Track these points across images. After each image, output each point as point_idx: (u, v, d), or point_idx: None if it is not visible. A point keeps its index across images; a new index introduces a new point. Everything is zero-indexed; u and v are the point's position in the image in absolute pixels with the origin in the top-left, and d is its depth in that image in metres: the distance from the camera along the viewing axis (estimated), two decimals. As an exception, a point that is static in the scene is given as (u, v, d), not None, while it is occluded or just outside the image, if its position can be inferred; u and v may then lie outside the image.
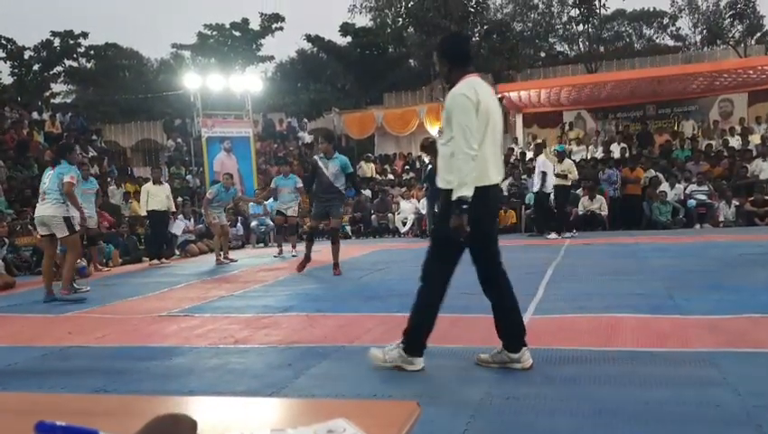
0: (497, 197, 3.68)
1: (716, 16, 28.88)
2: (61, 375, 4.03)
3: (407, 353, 3.53)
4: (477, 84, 3.47)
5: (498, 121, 3.54)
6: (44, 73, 30.50)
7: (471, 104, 3.35)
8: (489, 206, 3.55)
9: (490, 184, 3.47)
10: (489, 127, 3.44)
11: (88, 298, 7.24)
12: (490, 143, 3.46)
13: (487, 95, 3.49)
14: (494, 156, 3.51)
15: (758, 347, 3.82)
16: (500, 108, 3.62)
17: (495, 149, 3.52)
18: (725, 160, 14.69)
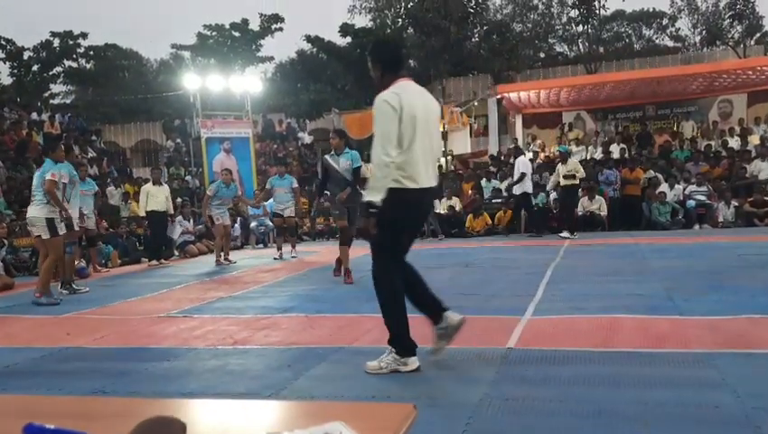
0: (423, 201, 3.62)
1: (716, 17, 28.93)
2: (60, 376, 4.03)
3: (400, 356, 3.57)
4: (404, 89, 3.48)
5: (431, 126, 3.56)
6: (44, 74, 30.51)
7: (391, 110, 3.37)
8: (410, 209, 3.55)
9: (415, 188, 3.46)
10: (417, 132, 3.43)
11: (87, 299, 7.23)
12: (419, 148, 3.45)
13: (414, 100, 3.47)
14: (425, 160, 3.50)
15: (757, 348, 3.82)
16: (434, 112, 3.65)
17: (426, 153, 3.51)
18: (724, 161, 14.69)
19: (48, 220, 6.98)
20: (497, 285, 6.72)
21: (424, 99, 3.58)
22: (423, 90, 3.67)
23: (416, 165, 3.44)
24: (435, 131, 3.62)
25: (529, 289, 6.14)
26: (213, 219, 10.48)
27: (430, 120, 3.56)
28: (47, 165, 7.11)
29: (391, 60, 3.67)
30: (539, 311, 5.17)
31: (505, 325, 4.64)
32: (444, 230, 13.69)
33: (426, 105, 3.57)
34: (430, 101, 3.67)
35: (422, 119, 3.46)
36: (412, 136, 3.41)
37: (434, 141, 3.61)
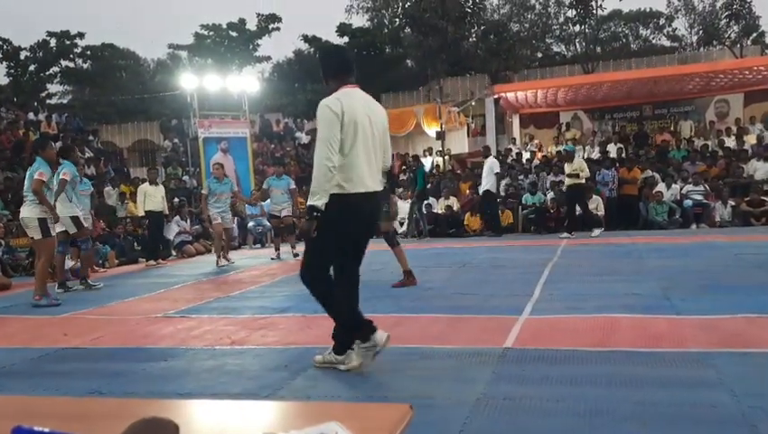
0: (364, 206, 3.60)
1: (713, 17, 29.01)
2: (57, 377, 4.02)
3: (337, 354, 3.69)
4: (346, 95, 3.55)
5: (375, 132, 3.62)
6: (40, 74, 30.48)
7: (332, 115, 3.44)
8: (351, 213, 3.56)
9: (357, 192, 3.52)
10: (358, 137, 3.50)
11: (84, 299, 7.22)
12: (361, 152, 3.52)
13: (356, 106, 3.53)
14: (368, 165, 3.57)
15: (753, 347, 3.83)
16: (381, 119, 3.70)
17: (369, 158, 3.57)
18: (721, 160, 14.73)
19: (40, 220, 6.93)
20: (494, 284, 6.73)
21: (368, 106, 3.65)
22: (369, 98, 3.73)
23: (358, 169, 3.51)
24: (380, 137, 3.69)
25: (526, 289, 6.15)
26: (212, 218, 10.31)
27: (375, 127, 3.62)
28: (36, 164, 7.05)
29: (337, 67, 3.73)
30: (537, 311, 5.17)
31: (502, 325, 4.64)
32: (442, 229, 13.71)
33: (372, 112, 3.64)
34: (376, 108, 3.74)
35: (364, 125, 3.53)
36: (353, 141, 3.48)
37: (378, 147, 3.67)
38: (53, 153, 7.49)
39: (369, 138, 3.58)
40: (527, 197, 14.19)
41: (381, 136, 3.72)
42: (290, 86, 32.25)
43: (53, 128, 18.18)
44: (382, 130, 3.74)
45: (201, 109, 16.44)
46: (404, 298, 6.11)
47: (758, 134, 15.92)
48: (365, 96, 3.71)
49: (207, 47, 29.52)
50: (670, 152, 16.09)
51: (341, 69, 3.73)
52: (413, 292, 6.45)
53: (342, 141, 3.48)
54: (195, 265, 10.74)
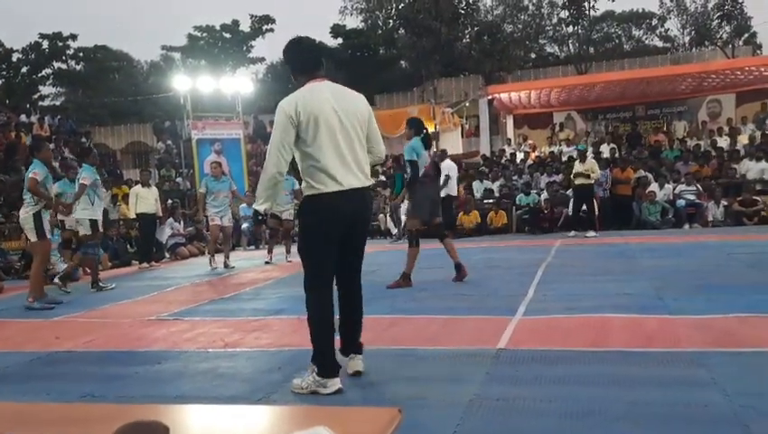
0: (342, 204, 3.35)
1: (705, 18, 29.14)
2: (49, 381, 4.00)
3: (321, 376, 3.37)
4: (308, 92, 3.37)
5: (347, 123, 3.37)
6: (33, 76, 30.35)
7: (285, 117, 3.29)
8: (328, 214, 3.36)
9: (330, 191, 3.32)
10: (321, 134, 3.30)
11: (77, 302, 7.19)
12: (328, 149, 3.31)
13: (320, 101, 3.33)
14: (340, 161, 3.34)
15: (745, 347, 3.84)
16: (356, 111, 3.45)
17: (340, 153, 3.34)
18: (713, 160, 14.80)
19: (35, 218, 6.89)
20: (489, 285, 6.73)
21: (338, 99, 3.40)
22: (340, 90, 3.49)
23: (327, 167, 3.31)
24: (357, 129, 3.43)
25: (520, 289, 6.16)
26: (209, 219, 10.06)
27: (347, 119, 3.38)
28: (32, 165, 7.07)
29: (301, 61, 3.53)
30: (531, 311, 5.18)
31: (496, 326, 4.64)
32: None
33: (342, 104, 3.39)
34: (349, 100, 3.47)
35: (329, 121, 3.31)
36: (315, 138, 3.30)
37: (354, 140, 3.40)
38: (49, 154, 7.52)
39: (338, 133, 3.34)
40: (521, 197, 14.22)
41: (360, 127, 3.46)
42: (284, 87, 32.14)
43: (46, 130, 18.10)
44: (359, 121, 3.47)
45: (195, 111, 16.42)
46: (398, 299, 6.10)
47: (750, 134, 16.00)
48: (336, 88, 3.48)
49: (200, 48, 29.47)
50: (663, 152, 16.16)
51: (306, 63, 3.52)
52: (407, 293, 6.45)
53: (304, 141, 3.32)
54: (189, 267, 10.71)
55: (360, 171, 3.44)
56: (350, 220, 3.43)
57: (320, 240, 3.42)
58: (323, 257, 3.45)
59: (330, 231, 3.40)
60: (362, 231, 3.62)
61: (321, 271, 3.47)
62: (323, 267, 3.47)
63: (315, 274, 3.47)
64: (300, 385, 3.42)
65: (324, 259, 3.45)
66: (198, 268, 10.14)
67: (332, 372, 3.38)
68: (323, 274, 3.47)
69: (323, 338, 3.43)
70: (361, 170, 3.46)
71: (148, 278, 9.43)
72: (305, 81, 3.45)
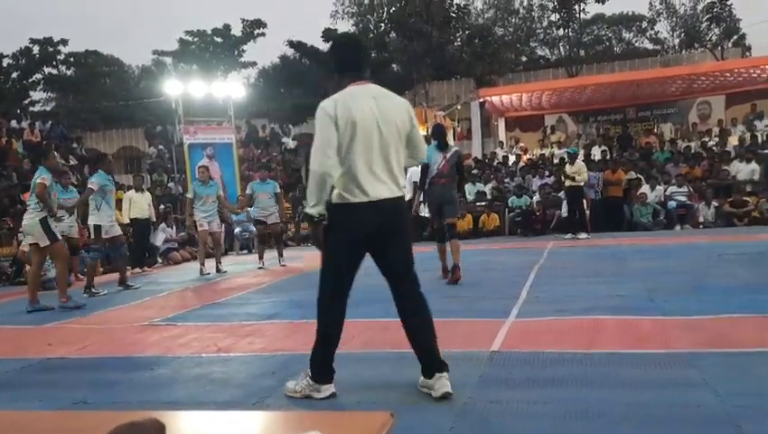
0: (370, 216, 3.21)
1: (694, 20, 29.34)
2: (41, 388, 3.98)
3: (314, 381, 3.35)
4: (348, 95, 3.24)
5: (385, 130, 3.22)
6: (23, 81, 30.17)
7: (326, 117, 3.17)
8: (355, 226, 3.24)
9: (358, 202, 3.19)
10: (357, 140, 3.17)
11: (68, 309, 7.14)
12: (361, 157, 3.18)
13: (359, 105, 3.19)
14: (370, 171, 3.19)
15: (737, 347, 3.87)
16: (395, 117, 3.28)
17: (373, 162, 3.20)
18: (704, 162, 14.90)
19: (44, 226, 6.95)
20: (482, 287, 6.75)
21: (378, 104, 3.24)
22: (382, 93, 3.32)
23: (358, 176, 3.17)
24: (395, 136, 3.27)
25: (513, 291, 6.17)
26: (197, 224, 9.96)
27: (386, 126, 3.22)
28: (38, 172, 7.16)
29: (343, 61, 3.40)
30: (523, 313, 5.20)
31: (489, 328, 4.66)
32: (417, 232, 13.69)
33: (382, 110, 3.24)
34: (389, 105, 3.30)
35: (366, 127, 3.17)
36: (350, 144, 3.16)
37: (391, 148, 3.25)
38: (56, 161, 7.67)
39: (375, 140, 3.19)
40: (513, 200, 14.26)
41: (398, 135, 3.29)
42: (276, 91, 32.19)
43: (37, 136, 18.00)
44: (399, 129, 3.29)
45: (187, 115, 16.38)
46: (392, 303, 6.09)
47: (740, 135, 16.12)
48: (379, 92, 3.31)
49: (192, 53, 29.38)
50: (654, 154, 16.25)
51: (348, 64, 3.38)
52: (400, 297, 6.45)
53: (339, 146, 3.16)
54: (181, 272, 10.67)
55: (392, 181, 3.28)
56: (379, 232, 3.27)
57: (341, 252, 3.30)
58: (341, 269, 3.33)
59: (352, 243, 3.27)
60: (399, 241, 3.38)
61: (336, 283, 3.35)
62: (339, 279, 3.34)
63: (330, 285, 3.36)
64: (294, 389, 3.39)
65: (341, 272, 3.33)
66: (191, 274, 10.11)
67: (326, 379, 3.35)
68: (338, 286, 3.35)
69: (324, 347, 3.36)
70: (394, 180, 3.29)
71: (141, 283, 9.39)
72: (347, 84, 3.31)
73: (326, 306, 3.37)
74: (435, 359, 3.31)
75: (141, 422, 1.05)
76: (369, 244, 3.31)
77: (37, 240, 7.05)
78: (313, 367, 3.37)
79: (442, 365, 3.31)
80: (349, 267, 3.33)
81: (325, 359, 3.36)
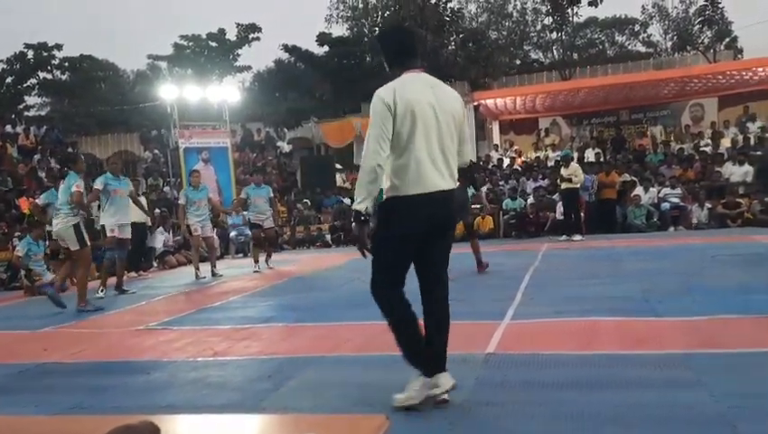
0: (428, 208, 3.11)
1: (686, 23, 29.43)
2: (37, 393, 3.97)
3: (428, 376, 3.14)
4: (404, 83, 3.13)
5: (442, 120, 3.14)
6: (18, 86, 30.06)
7: (383, 106, 3.06)
8: (411, 218, 3.10)
9: (418, 193, 3.08)
10: (417, 130, 3.07)
11: (65, 313, 7.13)
12: (422, 147, 3.08)
13: (415, 94, 3.10)
14: (431, 161, 3.11)
15: (732, 348, 3.89)
16: (450, 108, 3.20)
17: (433, 153, 3.11)
18: (697, 163, 14.97)
19: (75, 227, 7.21)
20: (477, 290, 6.76)
21: (434, 93, 3.16)
22: (436, 83, 3.23)
23: (419, 166, 3.07)
24: (451, 128, 3.19)
25: (508, 294, 6.19)
26: (191, 229, 9.96)
27: (442, 116, 3.14)
28: (71, 177, 7.34)
29: (395, 49, 3.29)
30: (519, 315, 5.21)
31: (485, 330, 4.67)
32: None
33: (438, 99, 3.15)
34: (444, 95, 3.21)
35: (425, 116, 3.08)
36: (411, 134, 3.06)
37: (447, 139, 3.17)
38: (83, 165, 8.01)
39: (434, 130, 3.10)
40: (507, 202, 14.30)
41: (453, 126, 3.20)
42: (271, 95, 32.16)
43: (31, 141, 17.97)
44: (454, 120, 3.21)
45: (182, 120, 16.37)
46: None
47: (732, 137, 16.20)
48: (433, 81, 3.24)
49: (187, 57, 29.32)
50: (647, 156, 16.31)
51: (400, 52, 3.26)
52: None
53: (398, 135, 3.07)
54: (177, 276, 10.65)
55: (449, 172, 3.19)
56: (432, 224, 3.15)
57: (394, 244, 3.15)
58: (395, 261, 3.17)
59: (407, 235, 3.13)
60: (446, 240, 3.30)
61: (389, 274, 3.19)
62: (392, 270, 3.18)
63: (382, 276, 3.20)
64: (408, 396, 3.14)
65: (395, 264, 3.17)
66: (186, 278, 10.09)
67: (437, 367, 3.14)
68: (392, 277, 3.18)
69: (409, 338, 3.17)
70: (450, 171, 3.20)
71: (136, 287, 9.36)
72: (400, 72, 3.21)
73: (383, 297, 3.20)
74: (442, 360, 3.23)
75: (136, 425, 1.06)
76: (421, 236, 3.16)
77: (69, 244, 7.31)
78: (415, 364, 3.16)
79: (444, 365, 3.24)
80: (402, 260, 3.18)
81: (420, 350, 3.16)
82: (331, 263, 10.80)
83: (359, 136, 20.78)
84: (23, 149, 17.15)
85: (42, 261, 9.58)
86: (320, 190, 17.92)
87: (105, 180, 8.30)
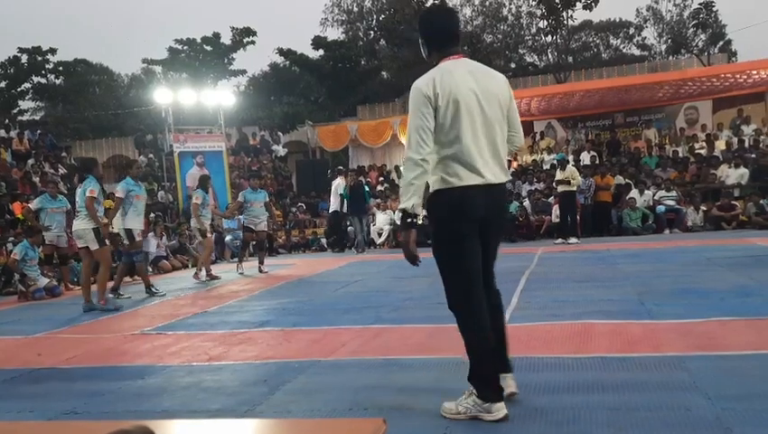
0: (479, 200, 2.95)
1: (680, 26, 29.58)
2: (31, 398, 3.94)
3: (482, 400, 2.96)
4: (444, 71, 2.97)
5: (488, 107, 2.98)
6: (11, 90, 29.97)
7: (423, 98, 2.91)
8: (462, 212, 2.94)
9: (467, 185, 2.93)
10: (462, 119, 2.92)
11: (59, 318, 7.10)
12: (468, 136, 2.92)
13: (458, 82, 2.94)
14: (478, 151, 2.95)
15: (726, 350, 3.90)
16: (497, 93, 3.04)
17: (479, 141, 2.95)
18: (692, 166, 15.02)
19: (95, 230, 7.41)
20: (473, 294, 6.75)
21: (477, 79, 2.99)
22: (480, 69, 3.07)
23: (466, 157, 2.92)
24: (497, 115, 3.02)
25: (504, 297, 6.15)
26: (204, 233, 10.12)
27: (487, 103, 2.98)
28: (88, 182, 7.52)
29: (433, 37, 3.12)
30: (514, 319, 5.21)
31: (481, 334, 4.65)
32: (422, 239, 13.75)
33: (482, 86, 2.99)
34: (489, 81, 3.04)
35: (469, 103, 2.93)
36: (455, 123, 2.91)
37: (494, 127, 3.00)
38: (101, 171, 8.23)
39: (478, 118, 2.95)
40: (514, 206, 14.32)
41: (500, 112, 3.04)
42: (266, 99, 32.15)
43: (25, 145, 17.90)
44: (501, 104, 3.05)
45: (177, 124, 16.37)
46: (383, 309, 6.11)
47: (726, 140, 16.27)
48: (475, 66, 3.07)
49: (181, 61, 29.29)
50: (643, 159, 16.37)
51: (439, 38, 3.10)
52: (392, 303, 6.46)
53: (441, 127, 2.92)
54: (172, 280, 10.62)
55: (498, 163, 3.03)
56: (483, 218, 2.99)
57: (460, 242, 2.96)
58: (467, 261, 2.98)
59: (463, 231, 2.95)
60: (498, 237, 3.20)
61: (468, 281, 2.99)
62: (469, 274, 2.98)
63: (461, 286, 3.00)
64: (456, 409, 3.02)
65: (469, 264, 2.98)
66: (181, 282, 10.07)
67: (495, 396, 2.95)
68: (471, 284, 2.99)
69: (483, 357, 2.97)
70: (500, 162, 3.04)
71: (131, 291, 9.33)
72: (440, 59, 3.05)
73: (464, 312, 3.02)
74: (505, 359, 3.15)
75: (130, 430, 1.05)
76: (471, 230, 2.98)
77: (88, 243, 7.49)
78: (476, 383, 2.99)
79: (507, 365, 3.15)
80: (473, 256, 2.99)
81: (487, 371, 2.97)
82: (326, 267, 10.79)
83: (354, 140, 20.81)
84: (17, 154, 17.08)
85: (36, 266, 9.54)
86: (315, 194, 17.91)
87: (127, 186, 8.46)
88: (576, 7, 25.20)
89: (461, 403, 3.02)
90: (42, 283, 9.41)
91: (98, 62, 35.38)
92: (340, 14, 30.52)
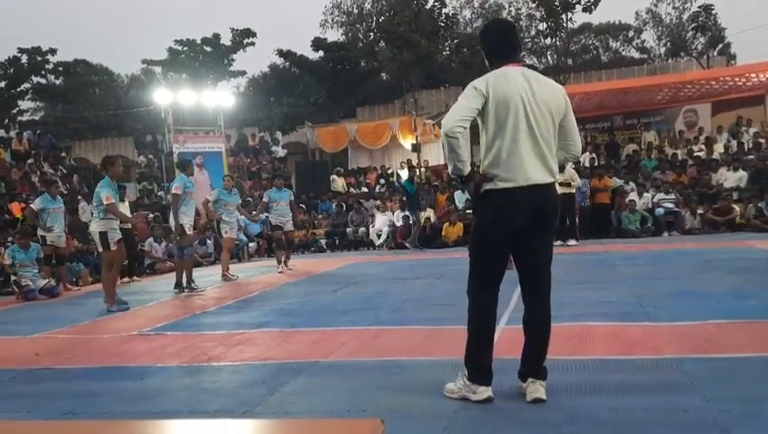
0: (525, 201, 3.11)
1: (680, 29, 29.60)
2: (29, 399, 3.95)
3: (470, 381, 3.23)
4: (499, 75, 3.15)
5: (538, 112, 3.12)
6: (11, 90, 29.96)
7: (475, 92, 3.10)
8: (507, 212, 3.13)
9: (514, 186, 3.09)
10: (509, 121, 3.08)
11: (57, 318, 7.10)
12: (518, 138, 3.09)
13: (510, 86, 3.11)
14: (526, 154, 3.10)
15: (723, 352, 3.91)
16: (548, 100, 3.18)
17: (527, 145, 3.11)
18: (690, 169, 15.03)
19: (100, 234, 7.39)
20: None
21: (530, 86, 3.13)
22: (534, 76, 3.21)
23: (514, 158, 3.08)
24: (549, 120, 3.17)
25: (502, 298, 6.13)
26: (222, 231, 10.21)
27: (538, 108, 3.11)
28: (102, 185, 7.45)
29: (492, 45, 3.33)
30: (513, 320, 5.18)
31: (479, 336, 4.66)
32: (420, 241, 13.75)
33: (535, 92, 3.13)
34: (542, 88, 3.18)
35: (518, 107, 3.08)
36: (504, 124, 3.08)
37: (545, 131, 3.14)
38: (119, 170, 8.14)
39: (526, 123, 3.09)
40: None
41: (552, 120, 3.18)
42: (266, 100, 32.14)
43: (25, 146, 17.92)
44: (554, 113, 3.19)
45: (176, 125, 16.37)
46: (382, 310, 6.11)
47: (725, 143, 16.28)
48: (532, 75, 3.22)
49: (181, 62, 29.28)
50: (641, 161, 16.37)
51: (497, 46, 3.30)
52: (391, 304, 6.46)
53: (487, 127, 3.13)
54: (170, 281, 10.58)
55: (544, 165, 3.16)
56: (529, 219, 3.14)
57: (489, 242, 3.20)
58: (491, 260, 3.24)
59: (503, 232, 3.16)
60: (547, 237, 3.33)
61: (485, 276, 3.27)
62: (488, 271, 3.26)
63: (478, 278, 3.29)
64: (452, 389, 3.31)
65: (492, 264, 3.25)
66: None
67: (482, 380, 3.20)
68: (487, 279, 3.27)
69: (476, 344, 3.24)
70: (546, 164, 3.17)
71: (129, 292, 9.32)
72: (499, 65, 3.22)
73: (473, 300, 3.29)
74: (538, 366, 3.27)
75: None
76: (517, 236, 3.17)
77: (97, 244, 7.66)
78: (468, 365, 3.25)
79: (539, 372, 3.26)
80: (498, 258, 3.25)
81: (479, 357, 3.22)
82: (325, 268, 10.79)
83: (354, 141, 20.81)
84: (17, 154, 17.09)
85: (29, 268, 9.49)
86: (314, 195, 17.93)
87: (183, 181, 8.68)
88: (575, 10, 25.23)
89: (456, 383, 3.31)
90: (40, 284, 9.42)
91: (98, 63, 35.39)
92: (340, 16, 30.54)
